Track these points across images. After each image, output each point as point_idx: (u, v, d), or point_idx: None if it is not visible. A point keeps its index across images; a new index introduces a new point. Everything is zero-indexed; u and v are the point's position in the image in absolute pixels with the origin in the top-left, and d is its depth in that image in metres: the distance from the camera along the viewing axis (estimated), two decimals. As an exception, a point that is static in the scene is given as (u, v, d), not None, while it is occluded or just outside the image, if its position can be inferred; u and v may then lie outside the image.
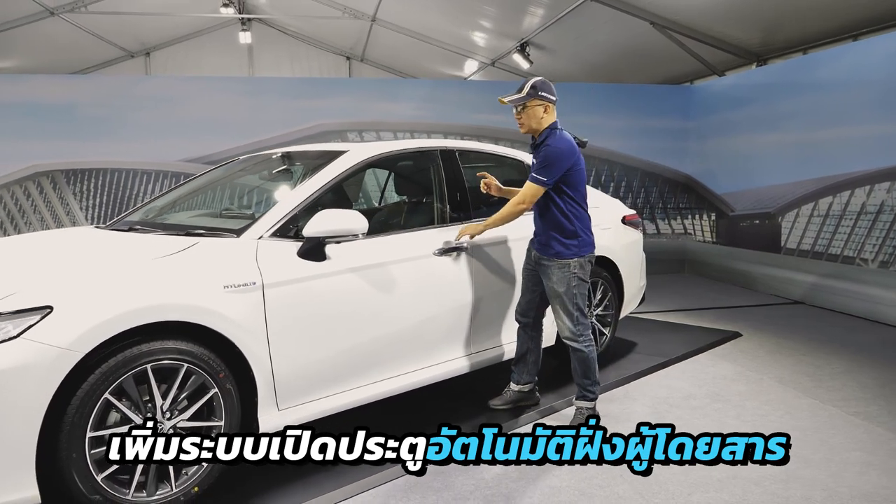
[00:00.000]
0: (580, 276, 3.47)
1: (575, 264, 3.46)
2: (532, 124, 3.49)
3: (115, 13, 11.24)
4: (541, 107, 3.45)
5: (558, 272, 3.47)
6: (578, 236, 3.48)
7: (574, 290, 3.46)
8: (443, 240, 3.55)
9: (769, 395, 4.02)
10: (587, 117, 8.74)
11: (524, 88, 3.46)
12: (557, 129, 3.48)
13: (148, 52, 14.44)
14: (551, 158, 3.37)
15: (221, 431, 2.70)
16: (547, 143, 3.41)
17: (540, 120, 3.47)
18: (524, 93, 3.45)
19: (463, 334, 3.63)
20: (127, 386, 2.46)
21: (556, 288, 3.48)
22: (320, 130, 8.20)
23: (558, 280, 3.47)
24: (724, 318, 6.20)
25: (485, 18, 10.26)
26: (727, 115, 8.42)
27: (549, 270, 3.50)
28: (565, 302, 3.48)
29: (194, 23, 13.53)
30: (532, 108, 3.45)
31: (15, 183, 7.55)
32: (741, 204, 8.14)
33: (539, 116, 3.46)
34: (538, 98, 3.44)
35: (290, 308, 2.87)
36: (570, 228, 3.46)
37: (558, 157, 3.37)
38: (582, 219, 3.52)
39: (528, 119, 3.48)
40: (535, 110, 3.46)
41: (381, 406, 3.35)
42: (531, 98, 3.44)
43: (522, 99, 3.45)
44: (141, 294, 2.47)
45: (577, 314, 3.48)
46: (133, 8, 11.35)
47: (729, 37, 8.17)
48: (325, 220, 2.92)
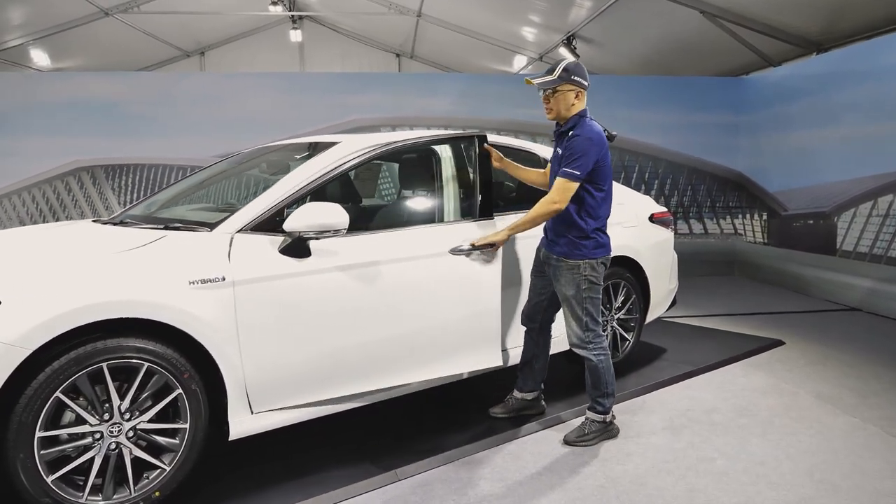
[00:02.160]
0: (591, 279, 3.20)
1: (585, 266, 3.19)
2: (561, 111, 3.18)
3: (166, 13, 11.47)
4: (572, 92, 3.15)
5: (567, 274, 3.21)
6: (592, 237, 3.20)
7: (584, 294, 3.20)
8: (448, 238, 3.27)
9: (802, 411, 3.66)
10: (630, 111, 8.37)
11: (556, 70, 3.15)
12: (587, 117, 3.20)
13: (203, 51, 14.74)
14: (582, 149, 3.08)
15: (186, 434, 2.59)
16: (575, 133, 3.13)
17: (570, 107, 3.17)
18: (555, 75, 3.13)
19: (463, 343, 3.33)
20: (82, 385, 2.36)
21: (565, 291, 3.23)
22: (356, 126, 8.11)
23: (567, 282, 3.21)
24: (768, 324, 5.78)
25: (531, 11, 10.00)
26: (781, 108, 7.90)
27: (558, 272, 3.25)
28: (574, 306, 3.22)
29: (247, 22, 13.72)
30: (563, 93, 3.15)
31: (57, 178, 7.73)
32: (794, 203, 7.63)
33: (570, 103, 3.17)
34: (570, 82, 3.13)
35: (264, 306, 2.72)
36: (585, 228, 3.18)
37: (588, 147, 3.08)
38: (601, 219, 3.23)
39: (558, 104, 3.17)
40: (566, 96, 3.15)
41: (372, 407, 3.17)
42: (563, 82, 3.13)
43: (553, 83, 3.14)
44: (95, 289, 2.36)
45: (586, 319, 3.22)
46: (184, 8, 11.56)
47: (786, 25, 7.65)
48: (303, 215, 2.75)
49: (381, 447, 3.18)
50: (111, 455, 2.45)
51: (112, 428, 2.44)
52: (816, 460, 3.05)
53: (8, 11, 9.95)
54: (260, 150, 4.00)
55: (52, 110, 7.72)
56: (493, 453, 3.14)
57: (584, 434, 3.24)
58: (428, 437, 3.29)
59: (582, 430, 3.26)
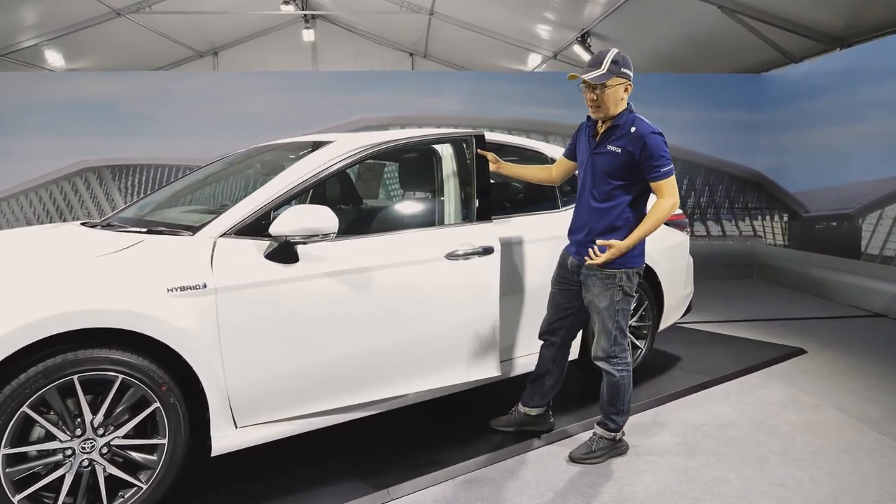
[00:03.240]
0: (626, 290, 2.96)
1: (622, 276, 2.94)
2: (611, 107, 2.89)
3: (177, 12, 11.41)
4: (622, 86, 2.89)
5: (600, 283, 2.96)
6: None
7: (617, 307, 2.96)
8: (444, 241, 3.09)
9: (825, 427, 3.45)
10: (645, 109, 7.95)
11: (604, 63, 2.85)
12: (634, 112, 2.97)
13: (216, 51, 14.72)
14: (661, 145, 2.86)
15: (165, 451, 2.44)
16: (644, 132, 2.86)
17: (619, 102, 2.91)
18: (604, 68, 2.85)
19: (460, 353, 3.14)
20: (51, 398, 2.22)
21: (598, 302, 2.98)
22: (362, 125, 7.97)
23: (600, 293, 2.97)
24: (789, 330, 5.54)
25: (545, 9, 9.81)
26: (802, 105, 7.64)
27: (591, 280, 2.99)
28: (605, 319, 2.98)
29: (260, 21, 13.67)
30: (613, 87, 2.86)
31: (63, 178, 7.67)
32: (817, 204, 7.36)
33: (619, 98, 2.89)
34: (620, 75, 2.87)
35: (249, 315, 2.56)
36: (626, 232, 2.91)
37: (663, 140, 2.88)
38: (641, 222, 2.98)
39: (607, 101, 2.87)
40: (616, 91, 2.88)
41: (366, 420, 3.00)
42: (613, 75, 2.86)
43: (603, 76, 2.85)
44: (63, 298, 2.21)
45: (616, 333, 2.99)
46: (195, 7, 11.50)
47: (808, 20, 7.39)
48: (290, 218, 2.59)
49: (373, 463, 3.01)
50: (83, 472, 2.31)
51: (84, 444, 2.30)
52: (842, 483, 2.83)
53: (21, 12, 9.94)
54: (256, 150, 3.86)
55: (58, 110, 7.67)
56: (494, 471, 2.96)
57: (591, 451, 3.05)
58: (425, 452, 3.11)
59: (589, 447, 3.07)
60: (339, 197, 3.73)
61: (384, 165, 4.81)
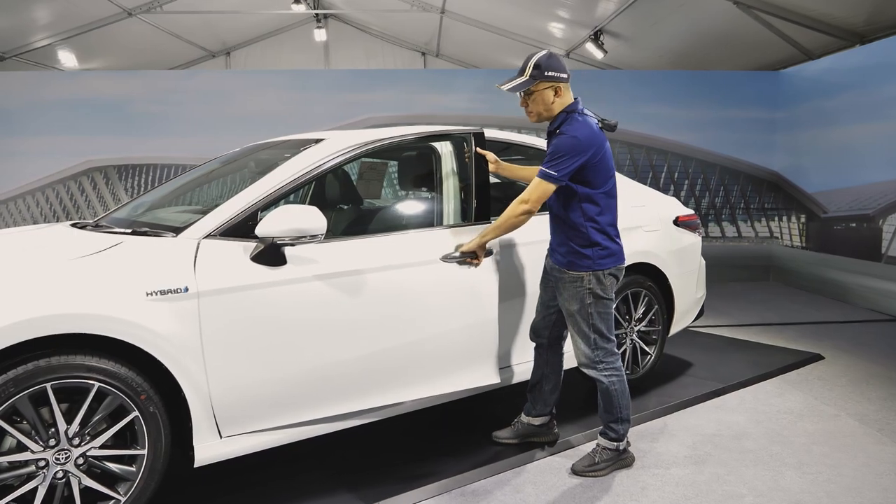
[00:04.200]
0: (598, 293, 2.85)
1: (590, 279, 2.84)
2: (542, 111, 2.87)
3: (188, 12, 11.38)
4: (550, 89, 2.81)
5: (570, 287, 2.88)
6: (597, 244, 2.84)
7: (590, 310, 2.86)
8: (441, 243, 2.97)
9: (844, 438, 3.28)
10: (660, 107, 8.00)
11: (526, 69, 2.81)
12: (576, 111, 2.84)
13: (228, 51, 14.71)
14: (563, 148, 2.74)
15: (144, 462, 2.33)
16: (561, 131, 2.80)
17: (551, 105, 2.84)
18: (527, 75, 2.81)
19: (457, 359, 3.01)
20: (22, 407, 2.12)
21: (568, 306, 2.90)
22: (369, 124, 7.87)
23: (570, 296, 2.88)
24: (806, 335, 5.36)
25: (558, 6, 9.66)
26: (821, 102, 7.43)
27: (561, 284, 2.92)
28: (579, 322, 2.89)
29: (272, 21, 13.64)
30: (540, 92, 2.82)
31: (70, 178, 7.65)
32: (835, 204, 7.15)
33: (549, 101, 2.83)
34: (545, 79, 2.80)
35: (234, 320, 2.45)
36: (585, 234, 2.84)
37: (572, 146, 2.73)
38: (604, 223, 2.87)
39: (537, 106, 2.85)
40: (543, 95, 2.82)
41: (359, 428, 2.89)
42: (536, 81, 2.80)
43: (526, 83, 2.81)
44: (34, 302, 2.11)
45: (594, 337, 2.88)
46: (206, 7, 11.47)
47: (827, 15, 7.18)
48: (277, 219, 2.48)
49: (365, 475, 2.89)
50: (58, 484, 2.21)
51: (58, 455, 2.20)
52: (862, 500, 2.67)
53: (34, 12, 9.95)
54: (251, 148, 3.75)
55: (60, 109, 7.62)
56: (492, 483, 2.83)
57: (594, 463, 2.91)
58: (419, 464, 2.99)
59: (592, 459, 2.93)
60: (336, 196, 3.61)
61: (387, 164, 4.69)
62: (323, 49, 14.86)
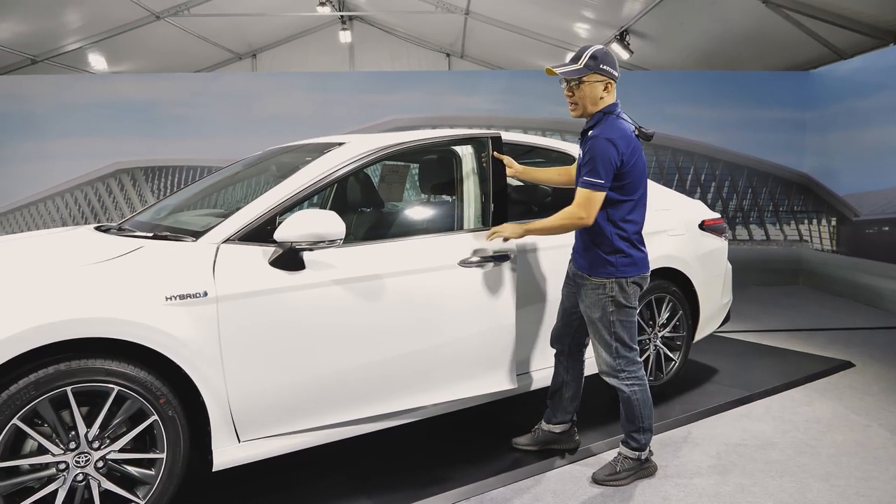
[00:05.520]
0: (620, 301, 2.79)
1: (613, 286, 2.78)
2: (588, 106, 2.76)
3: (215, 15, 11.50)
4: (601, 83, 2.73)
5: (592, 294, 2.82)
6: (620, 251, 2.78)
7: (611, 318, 2.80)
8: (459, 248, 2.94)
9: (875, 450, 3.19)
10: (686, 108, 7.88)
11: (581, 58, 2.72)
12: (614, 113, 2.77)
13: (254, 53, 14.84)
14: (600, 152, 2.66)
15: (163, 465, 2.35)
16: (594, 134, 2.72)
17: (598, 101, 2.75)
18: (581, 63, 2.72)
19: (474, 364, 2.99)
20: (43, 411, 2.14)
21: (590, 313, 2.85)
22: (394, 126, 7.87)
23: (591, 303, 2.83)
24: (836, 342, 5.24)
25: (583, 7, 9.58)
26: (853, 103, 7.26)
27: (583, 290, 2.87)
28: (600, 330, 2.83)
29: (298, 23, 13.75)
30: (590, 84, 2.72)
31: (98, 180, 7.76)
32: (867, 207, 6.98)
33: (597, 96, 2.75)
34: (599, 72, 2.72)
35: (252, 325, 2.45)
36: (610, 241, 2.78)
37: (607, 150, 2.65)
38: (630, 231, 2.80)
39: (584, 99, 2.75)
40: (593, 88, 2.73)
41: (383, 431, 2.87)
42: (590, 71, 2.72)
43: (578, 72, 2.72)
44: (54, 307, 2.13)
45: (616, 345, 2.83)
46: (233, 10, 11.59)
47: (858, 14, 7.01)
48: (295, 224, 2.47)
49: (383, 478, 2.88)
50: (78, 487, 2.23)
51: (78, 458, 2.22)
52: (891, 515, 2.60)
53: (65, 16, 10.13)
54: (273, 152, 3.76)
55: (89, 112, 7.74)
56: (511, 491, 2.79)
57: (615, 472, 2.86)
58: (439, 469, 2.97)
59: (613, 468, 2.88)
60: (356, 200, 3.60)
61: (408, 167, 4.68)
62: (348, 50, 14.93)
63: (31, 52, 10.57)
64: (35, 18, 9.55)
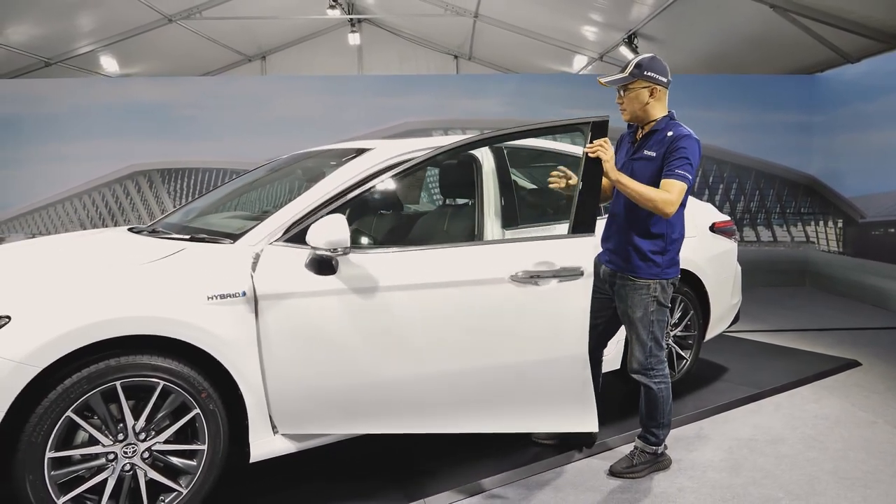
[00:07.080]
0: (661, 301, 2.90)
1: (656, 286, 2.88)
2: (636, 110, 2.90)
3: (226, 18, 11.63)
4: (646, 89, 2.87)
5: (634, 294, 2.90)
6: (667, 252, 2.88)
7: (652, 317, 2.90)
8: (513, 259, 2.73)
9: (881, 445, 3.30)
10: (693, 111, 7.95)
11: (627, 67, 2.90)
12: (675, 120, 2.93)
13: (264, 55, 14.96)
14: (692, 150, 2.78)
15: (204, 456, 2.47)
16: (679, 135, 2.81)
17: (645, 106, 2.89)
18: (627, 72, 2.89)
19: (539, 396, 2.83)
20: (94, 404, 2.27)
21: (632, 313, 2.92)
22: (407, 129, 7.99)
23: (635, 304, 2.90)
24: (843, 341, 5.34)
25: (591, 10, 9.68)
26: (859, 106, 7.35)
27: (624, 290, 2.93)
28: (640, 330, 2.92)
29: (307, 25, 13.85)
30: (636, 90, 2.88)
31: (115, 182, 7.89)
32: (874, 209, 7.08)
33: (643, 101, 2.88)
34: (644, 78, 2.86)
35: (288, 325, 2.54)
36: (661, 242, 2.87)
37: (696, 149, 2.81)
38: (679, 233, 2.92)
39: (631, 103, 2.90)
40: (639, 93, 2.88)
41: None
42: (635, 79, 2.87)
43: (624, 80, 2.89)
44: (107, 305, 2.26)
45: (651, 345, 2.93)
46: (244, 13, 11.71)
47: (866, 18, 7.09)
48: (318, 230, 2.48)
49: (403, 472, 3.01)
50: (125, 477, 2.36)
51: (126, 449, 2.34)
52: (898, 506, 2.71)
53: (78, 19, 10.27)
54: (299, 156, 3.88)
55: (105, 115, 7.87)
56: (532, 483, 2.91)
57: (632, 465, 2.98)
58: (459, 464, 3.07)
59: (630, 461, 3.00)
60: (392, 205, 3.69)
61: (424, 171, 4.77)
62: (357, 53, 15.04)
63: (45, 54, 10.70)
64: (49, 21, 9.69)
